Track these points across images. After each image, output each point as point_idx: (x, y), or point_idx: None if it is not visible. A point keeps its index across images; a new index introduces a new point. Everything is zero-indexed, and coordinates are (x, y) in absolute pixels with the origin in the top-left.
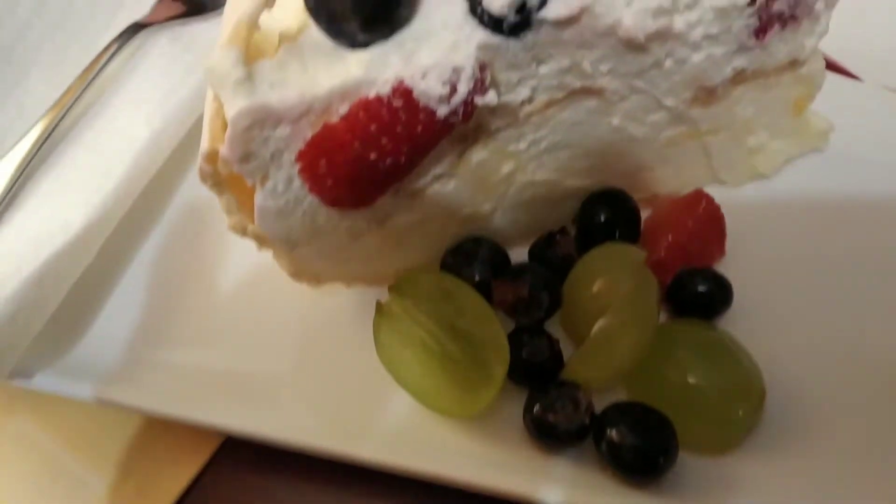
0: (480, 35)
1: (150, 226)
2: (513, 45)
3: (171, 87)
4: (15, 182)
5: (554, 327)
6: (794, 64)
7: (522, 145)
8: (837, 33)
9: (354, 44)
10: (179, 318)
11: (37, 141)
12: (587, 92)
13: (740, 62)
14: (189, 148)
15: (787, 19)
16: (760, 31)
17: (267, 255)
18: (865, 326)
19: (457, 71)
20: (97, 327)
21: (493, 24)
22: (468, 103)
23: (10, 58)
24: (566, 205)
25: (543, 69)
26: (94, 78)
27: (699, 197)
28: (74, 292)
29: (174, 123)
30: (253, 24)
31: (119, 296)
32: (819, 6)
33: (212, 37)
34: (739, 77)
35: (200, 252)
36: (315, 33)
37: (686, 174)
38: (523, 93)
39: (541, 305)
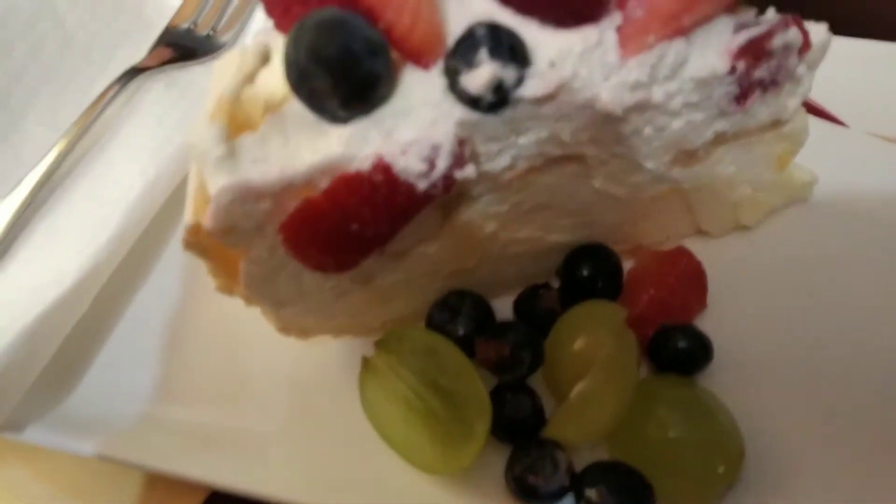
0: (459, 112)
1: (143, 277)
2: (491, 120)
3: (166, 136)
4: (10, 230)
5: (537, 381)
6: (776, 123)
7: (504, 207)
8: (823, 79)
9: (335, 119)
10: (170, 371)
11: (33, 189)
12: (568, 158)
13: (721, 126)
14: (182, 198)
15: (768, 84)
16: (741, 98)
17: (256, 309)
18: (847, 382)
19: (436, 148)
20: (88, 380)
21: (471, 101)
22: (447, 177)
23: (7, 102)
24: (550, 258)
25: (523, 140)
26: (91, 124)
27: (680, 254)
28: (66, 345)
29: (168, 173)
30: (234, 99)
31: (110, 349)
32: (801, 70)
33: (206, 82)
34: (720, 139)
35: (191, 304)
36: (298, 104)
37: (669, 226)
38: (503, 161)
39: (522, 364)
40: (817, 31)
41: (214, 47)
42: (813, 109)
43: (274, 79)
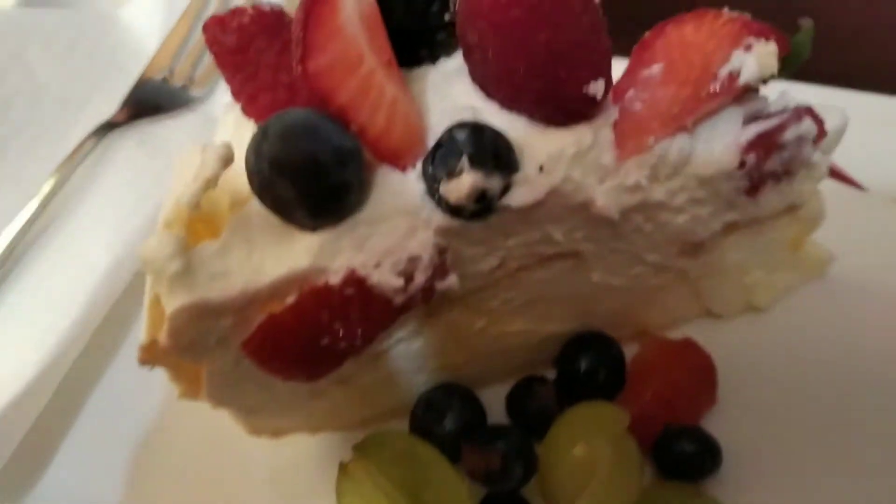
0: (439, 218)
1: (104, 368)
2: (475, 225)
3: (135, 204)
4: None
5: (531, 487)
6: (790, 209)
7: (495, 304)
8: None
9: (303, 226)
10: (134, 474)
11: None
12: (562, 255)
13: (730, 217)
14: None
15: (780, 175)
16: (752, 190)
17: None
18: (869, 491)
19: (413, 260)
20: (46, 485)
21: (452, 210)
22: (427, 289)
23: None
24: (546, 346)
25: (511, 242)
26: (58, 188)
27: (687, 348)
28: (23, 445)
29: (134, 250)
30: (194, 206)
31: (69, 450)
32: (816, 157)
33: (179, 139)
34: (730, 228)
35: (157, 399)
36: None
37: (674, 310)
38: (491, 262)
39: (513, 476)
40: (832, 116)
41: (189, 100)
42: (831, 171)
43: (241, 169)
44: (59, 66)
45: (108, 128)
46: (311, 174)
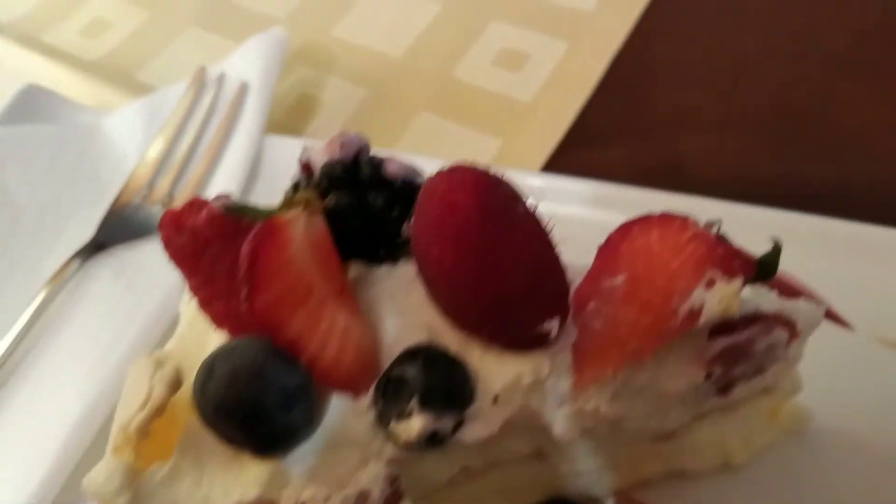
0: (390, 449)
1: None
2: (428, 453)
3: (109, 344)
4: None
5: None
6: (765, 391)
7: (459, 496)
8: (824, 269)
9: (253, 455)
10: None
11: None
12: (526, 456)
13: (701, 409)
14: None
15: (752, 375)
16: (722, 391)
17: None
18: None
19: (363, 495)
20: None
21: (403, 444)
22: None
23: None
24: None
25: (469, 457)
26: (34, 322)
27: None
28: None
29: (106, 394)
30: (143, 434)
31: None
32: (791, 351)
33: (156, 268)
34: (702, 415)
35: None
36: None
37: (645, 471)
38: (451, 471)
39: None
40: (804, 314)
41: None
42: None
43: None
44: (38, 187)
45: (84, 254)
46: (255, 422)
